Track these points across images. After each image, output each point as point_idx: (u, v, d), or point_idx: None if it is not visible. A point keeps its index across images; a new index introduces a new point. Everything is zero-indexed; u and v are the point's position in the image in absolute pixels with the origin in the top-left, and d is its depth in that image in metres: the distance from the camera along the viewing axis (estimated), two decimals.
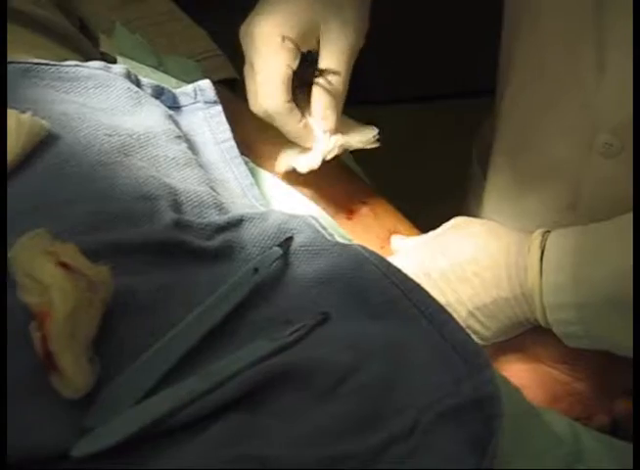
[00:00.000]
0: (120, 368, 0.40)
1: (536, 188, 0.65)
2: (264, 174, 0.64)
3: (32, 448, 0.37)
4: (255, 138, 0.70)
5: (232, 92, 0.78)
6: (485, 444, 0.39)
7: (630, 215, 0.53)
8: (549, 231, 0.56)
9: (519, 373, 0.60)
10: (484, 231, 0.59)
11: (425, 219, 0.67)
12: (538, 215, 0.65)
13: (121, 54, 0.69)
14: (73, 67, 0.55)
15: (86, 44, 0.71)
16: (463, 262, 0.57)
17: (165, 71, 0.72)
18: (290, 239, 0.49)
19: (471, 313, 0.57)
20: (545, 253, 0.55)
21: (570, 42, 0.58)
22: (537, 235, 0.56)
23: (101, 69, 0.56)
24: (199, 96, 0.61)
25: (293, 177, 0.67)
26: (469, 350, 0.43)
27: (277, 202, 0.61)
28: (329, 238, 0.51)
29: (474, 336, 0.57)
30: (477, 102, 0.78)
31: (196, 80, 0.63)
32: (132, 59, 0.69)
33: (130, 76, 0.57)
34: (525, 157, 0.66)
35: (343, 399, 0.41)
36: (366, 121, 0.69)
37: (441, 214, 0.66)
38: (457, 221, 0.62)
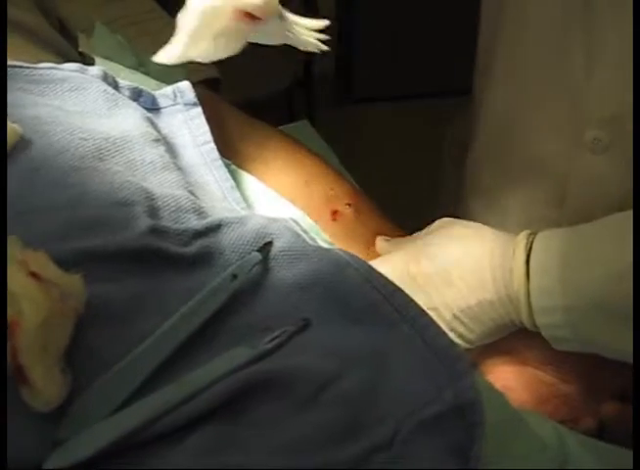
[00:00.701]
0: (93, 379, 0.39)
1: (521, 184, 0.65)
2: (246, 177, 0.63)
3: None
4: (238, 139, 0.69)
5: (214, 92, 0.77)
6: (467, 451, 0.39)
7: (617, 216, 0.53)
8: (534, 233, 0.56)
9: (504, 375, 0.60)
10: (469, 233, 0.59)
11: (412, 219, 0.66)
12: (523, 212, 0.65)
13: (100, 54, 0.68)
14: (48, 69, 0.54)
15: (65, 45, 0.70)
16: (447, 266, 0.57)
17: (146, 72, 0.71)
18: (269, 244, 0.48)
19: (455, 316, 0.57)
20: (532, 255, 0.54)
21: (557, 37, 0.57)
22: (522, 237, 0.56)
23: (77, 71, 0.55)
24: (178, 98, 0.59)
25: (276, 179, 0.66)
26: (450, 355, 0.43)
27: (259, 204, 0.60)
28: (310, 242, 0.50)
29: (458, 339, 0.57)
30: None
31: (177, 81, 0.62)
32: (111, 59, 0.68)
33: (107, 78, 0.56)
34: (508, 153, 0.65)
35: (324, 407, 0.40)
36: (362, 120, 0.65)
37: (430, 214, 0.65)
38: (441, 223, 0.62)
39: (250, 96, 1.37)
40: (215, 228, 0.48)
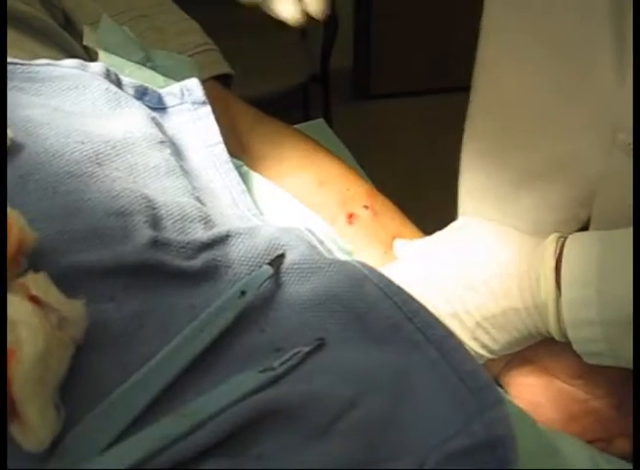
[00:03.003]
0: (87, 410, 0.35)
1: (537, 185, 0.62)
2: (259, 180, 0.60)
3: None
4: (250, 137, 0.66)
5: (226, 88, 0.74)
6: None
7: None
8: (563, 237, 0.52)
9: (531, 389, 0.57)
10: (492, 235, 0.55)
11: (432, 220, 0.63)
12: (536, 214, 0.62)
13: (105, 49, 0.64)
14: (45, 66, 0.50)
15: (68, 39, 0.66)
16: (470, 269, 0.53)
17: (154, 68, 0.68)
18: (281, 256, 0.44)
19: (478, 324, 0.53)
20: (564, 263, 0.50)
21: (586, 44, 0.54)
22: (551, 241, 0.52)
23: (76, 67, 0.51)
24: (186, 96, 0.56)
25: (289, 179, 0.63)
26: (479, 382, 0.39)
27: (271, 209, 0.57)
28: (325, 254, 0.46)
29: (481, 349, 0.53)
30: None
31: (186, 77, 0.59)
32: (117, 54, 0.64)
33: (110, 75, 0.53)
34: (524, 151, 0.62)
35: (340, 438, 0.37)
36: (379, 116, 0.63)
37: (451, 214, 0.62)
38: (463, 223, 0.58)
39: (264, 92, 1.34)
40: (223, 239, 0.44)
